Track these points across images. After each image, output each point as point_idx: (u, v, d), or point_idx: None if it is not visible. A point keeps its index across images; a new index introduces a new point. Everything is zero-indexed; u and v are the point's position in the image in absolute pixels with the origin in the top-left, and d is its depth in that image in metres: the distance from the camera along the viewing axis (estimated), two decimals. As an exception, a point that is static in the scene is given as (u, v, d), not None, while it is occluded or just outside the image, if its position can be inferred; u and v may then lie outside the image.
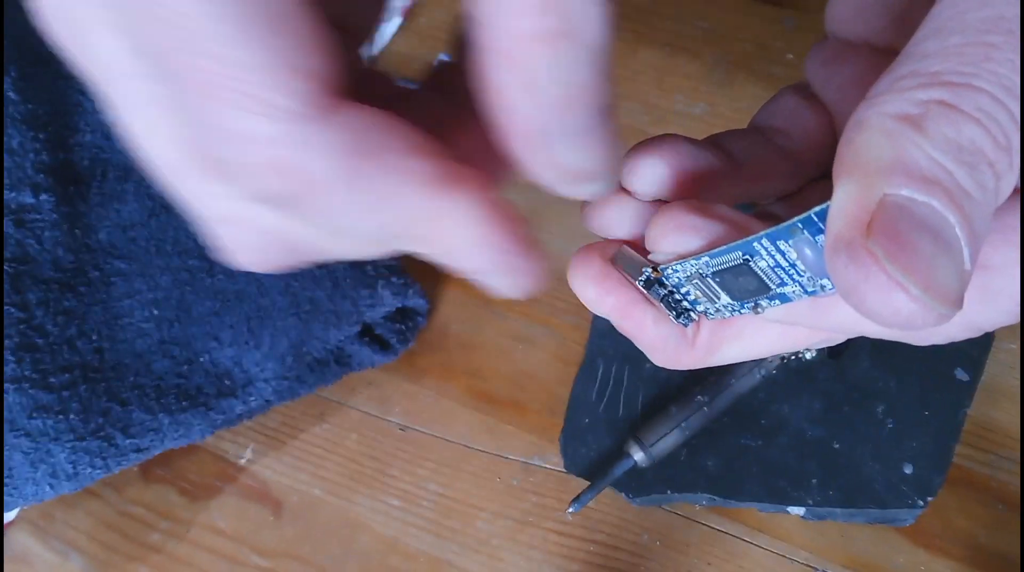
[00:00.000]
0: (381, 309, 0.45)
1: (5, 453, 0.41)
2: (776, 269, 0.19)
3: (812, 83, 0.25)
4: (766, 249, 0.19)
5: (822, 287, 0.19)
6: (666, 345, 0.22)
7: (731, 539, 0.42)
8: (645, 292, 0.22)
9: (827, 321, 0.20)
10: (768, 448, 0.43)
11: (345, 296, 0.45)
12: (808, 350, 0.42)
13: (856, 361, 0.44)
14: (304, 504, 0.45)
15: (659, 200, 0.22)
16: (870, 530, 0.42)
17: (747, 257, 0.19)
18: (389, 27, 0.59)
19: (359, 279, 0.45)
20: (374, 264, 0.46)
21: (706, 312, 0.22)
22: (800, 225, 0.18)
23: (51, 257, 0.45)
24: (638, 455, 0.42)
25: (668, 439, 0.42)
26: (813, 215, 0.18)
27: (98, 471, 0.42)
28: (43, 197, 0.46)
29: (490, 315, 0.49)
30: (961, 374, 0.43)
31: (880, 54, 0.23)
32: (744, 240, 0.19)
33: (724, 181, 0.22)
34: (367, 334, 0.47)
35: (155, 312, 0.45)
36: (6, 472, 0.41)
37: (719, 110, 0.53)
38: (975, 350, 0.43)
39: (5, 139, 0.46)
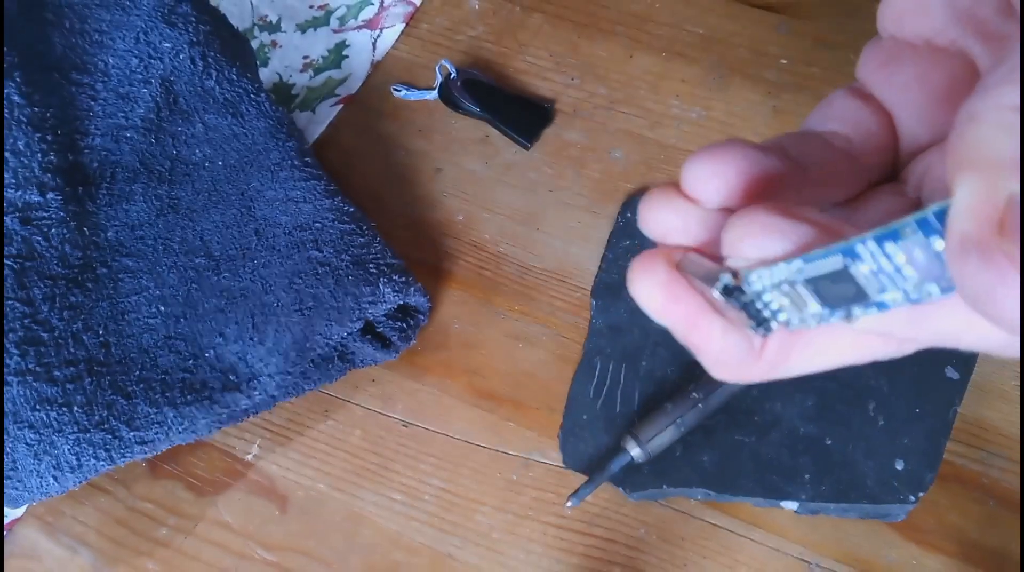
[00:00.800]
0: (383, 307, 0.45)
1: (9, 445, 0.42)
2: (879, 274, 0.17)
3: (868, 84, 0.23)
4: (871, 253, 0.17)
5: (928, 294, 0.17)
6: (732, 358, 0.21)
7: (726, 533, 0.43)
8: (723, 300, 0.20)
9: (923, 331, 0.19)
10: (762, 444, 0.43)
11: (347, 293, 0.45)
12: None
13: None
14: (309, 499, 0.46)
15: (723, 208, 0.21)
16: (863, 525, 0.43)
17: (847, 261, 0.18)
18: (391, 33, 0.60)
19: (361, 277, 0.46)
20: (376, 262, 0.46)
21: (788, 322, 0.20)
22: (915, 225, 0.16)
23: (58, 254, 0.46)
24: (635, 451, 0.42)
25: (664, 435, 0.42)
26: (931, 215, 0.16)
27: (102, 463, 0.42)
28: (50, 196, 0.47)
29: (491, 314, 0.50)
30: (952, 372, 0.44)
31: (943, 53, 0.22)
32: (845, 242, 0.17)
33: (790, 187, 0.21)
34: (369, 331, 0.47)
35: (162, 308, 0.46)
36: (10, 464, 0.42)
37: (715, 114, 0.54)
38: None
39: (11, 141, 0.46)
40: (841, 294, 0.18)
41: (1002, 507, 0.42)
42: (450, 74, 0.56)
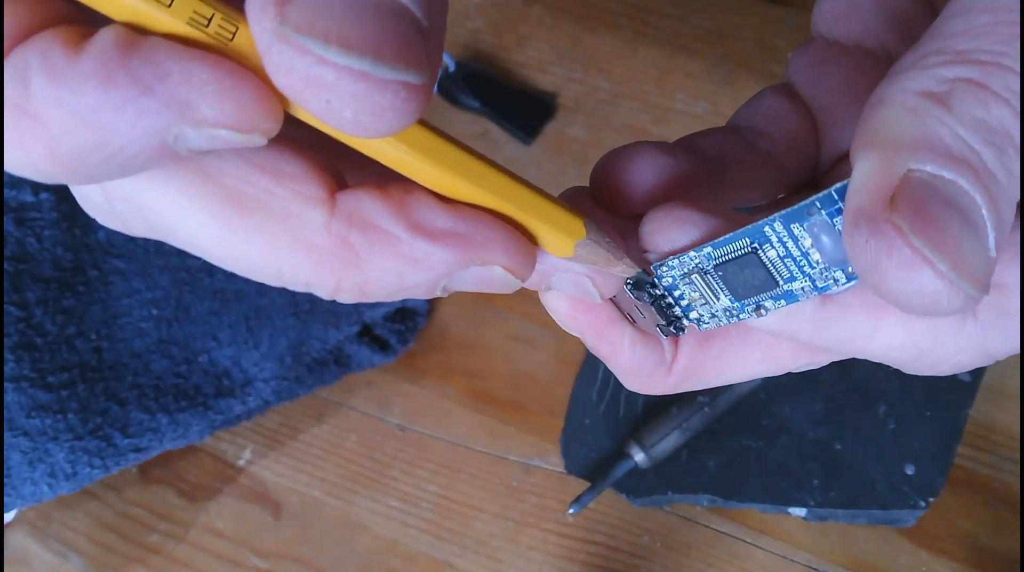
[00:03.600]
0: (380, 309, 0.45)
1: (4, 452, 0.41)
2: (786, 259, 0.18)
3: (797, 84, 0.23)
4: (777, 234, 0.18)
5: (835, 281, 0.18)
6: (641, 369, 0.20)
7: (732, 540, 0.42)
8: (632, 295, 0.20)
9: (829, 334, 0.19)
10: (769, 449, 0.43)
11: (344, 296, 0.45)
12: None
13: (858, 362, 0.43)
14: (303, 505, 0.45)
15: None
16: (872, 531, 0.42)
17: (755, 245, 0.18)
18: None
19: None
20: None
21: (699, 320, 0.20)
22: (818, 204, 0.17)
23: (51, 256, 0.45)
24: (639, 456, 0.42)
25: (669, 440, 0.42)
26: (833, 192, 0.16)
27: (96, 471, 0.42)
28: (43, 195, 0.46)
29: (490, 315, 0.49)
30: (963, 375, 0.43)
31: (872, 58, 0.22)
32: (753, 225, 0.18)
33: (706, 189, 0.21)
34: (366, 334, 0.47)
35: (154, 312, 0.45)
36: (4, 472, 0.41)
37: (720, 109, 0.53)
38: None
39: (4, 137, 0.46)
40: (751, 282, 0.18)
41: (1012, 512, 0.42)
42: (449, 68, 0.55)
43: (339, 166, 0.17)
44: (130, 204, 0.16)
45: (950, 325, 0.18)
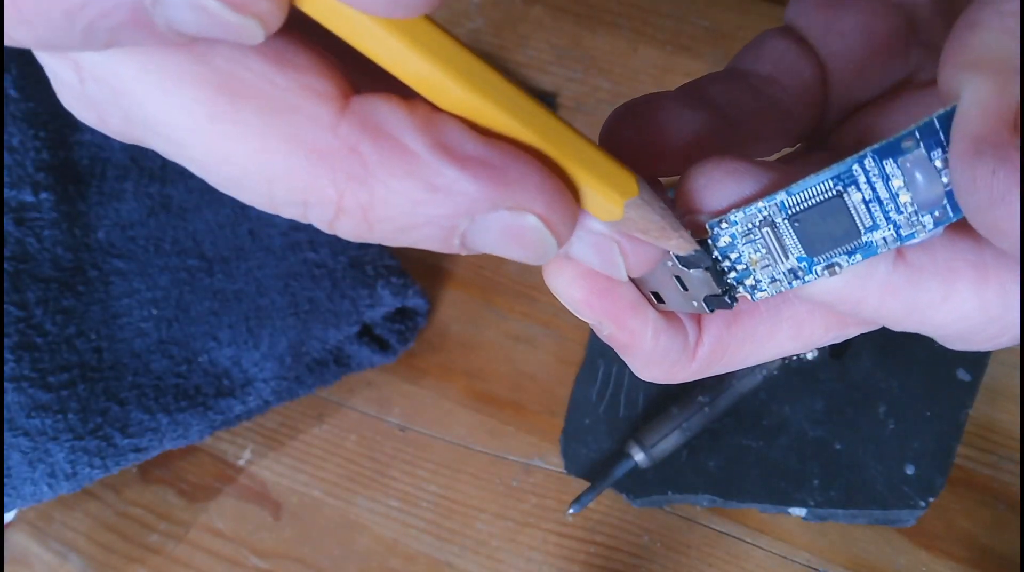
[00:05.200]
0: (380, 309, 0.45)
1: (4, 452, 0.41)
2: (871, 204, 0.16)
3: (803, 28, 0.21)
4: (867, 174, 0.15)
5: (922, 227, 0.16)
6: (664, 358, 0.18)
7: (732, 540, 0.42)
8: (677, 264, 0.17)
9: (897, 302, 0.17)
10: (769, 449, 0.43)
11: (344, 296, 0.44)
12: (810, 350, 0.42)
13: (858, 361, 0.44)
14: (303, 505, 0.45)
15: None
16: (871, 531, 0.42)
17: (841, 186, 0.16)
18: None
19: (358, 279, 0.45)
20: (374, 264, 0.46)
21: (755, 288, 0.17)
22: (917, 134, 0.15)
23: (50, 256, 0.45)
24: (639, 456, 0.42)
25: (669, 440, 0.42)
26: (935, 120, 0.14)
27: (97, 471, 0.42)
28: (43, 195, 0.46)
29: (490, 315, 0.49)
30: (963, 374, 0.43)
31: (886, 3, 0.20)
32: (839, 163, 0.15)
33: (720, 145, 0.19)
34: (366, 334, 0.46)
35: (154, 311, 0.45)
36: (4, 472, 0.41)
37: (720, 109, 0.53)
38: (977, 351, 0.43)
39: (6, 137, 0.45)
40: (829, 234, 0.16)
41: (1012, 512, 0.42)
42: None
43: (357, 81, 0.15)
44: (104, 86, 0.14)
45: (1019, 291, 0.16)
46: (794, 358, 0.43)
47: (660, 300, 0.18)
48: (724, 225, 0.17)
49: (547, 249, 0.15)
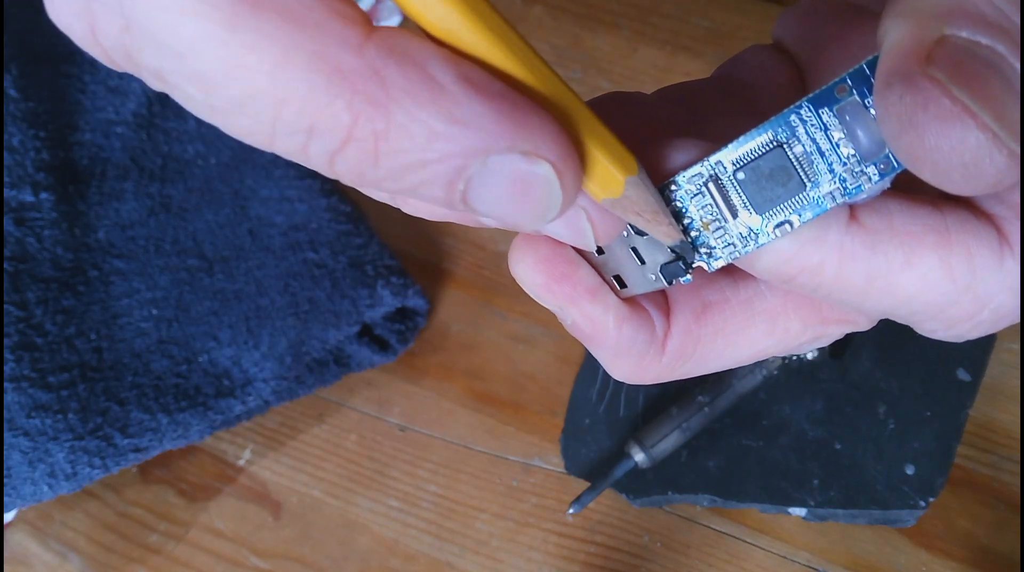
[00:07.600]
0: (381, 309, 0.45)
1: (4, 452, 0.41)
2: (812, 156, 0.16)
3: (784, 40, 0.22)
4: (804, 124, 0.16)
5: (868, 178, 0.16)
6: (631, 349, 0.18)
7: (732, 540, 0.42)
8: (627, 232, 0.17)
9: (856, 267, 0.17)
10: (769, 449, 0.43)
11: (344, 296, 0.44)
12: (810, 350, 0.42)
13: (858, 361, 0.44)
14: (303, 505, 0.45)
15: None
16: (871, 531, 0.42)
17: (782, 138, 0.16)
18: (390, 23, 0.59)
19: (358, 279, 0.45)
20: (374, 264, 0.46)
21: (710, 255, 0.17)
22: (849, 82, 0.15)
23: (51, 256, 0.45)
24: (639, 456, 0.42)
25: (669, 440, 0.42)
26: (864, 66, 0.15)
27: (97, 471, 0.42)
28: (43, 195, 0.46)
29: (490, 315, 0.49)
30: (963, 374, 0.43)
31: (863, 13, 0.21)
32: (777, 115, 0.16)
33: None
34: (366, 334, 0.46)
35: (154, 312, 0.45)
36: (4, 472, 0.41)
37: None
38: (977, 350, 0.43)
39: (6, 137, 0.45)
40: (775, 188, 0.16)
41: (1012, 512, 0.42)
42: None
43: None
44: None
45: (988, 258, 0.16)
46: (794, 358, 0.43)
47: (623, 285, 0.19)
48: (673, 187, 0.17)
49: (550, 207, 0.15)
